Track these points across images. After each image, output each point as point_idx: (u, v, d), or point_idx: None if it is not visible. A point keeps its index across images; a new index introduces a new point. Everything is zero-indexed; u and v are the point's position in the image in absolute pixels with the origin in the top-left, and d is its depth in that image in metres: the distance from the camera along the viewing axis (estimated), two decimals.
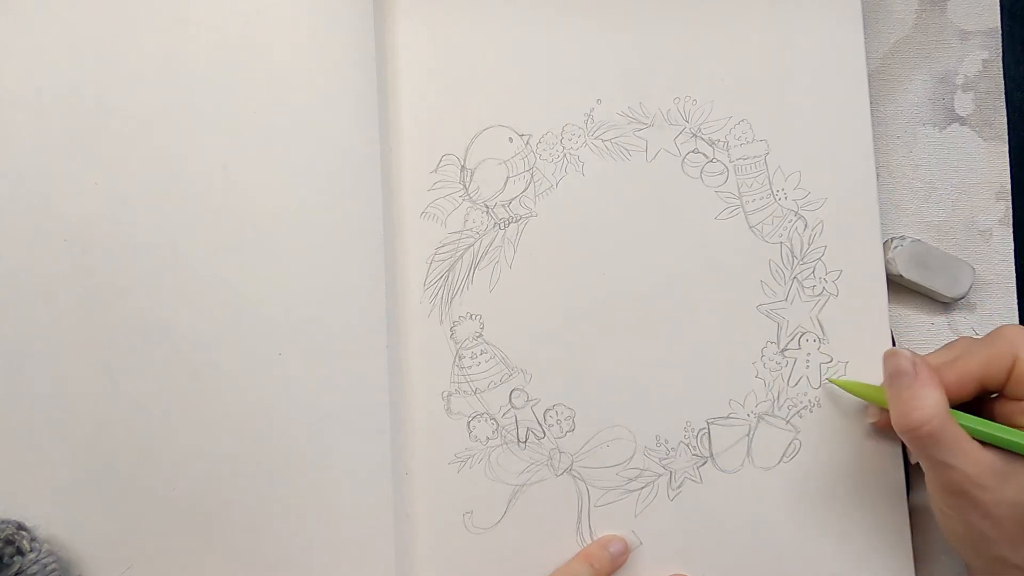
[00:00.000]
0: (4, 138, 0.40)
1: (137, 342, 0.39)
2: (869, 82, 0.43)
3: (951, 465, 0.34)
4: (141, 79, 0.40)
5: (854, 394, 0.41)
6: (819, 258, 0.42)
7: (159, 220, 0.40)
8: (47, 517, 0.39)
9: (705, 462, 0.42)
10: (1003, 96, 0.45)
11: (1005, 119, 0.45)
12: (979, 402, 0.38)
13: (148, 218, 0.40)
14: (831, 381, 0.41)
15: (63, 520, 0.39)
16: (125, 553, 0.39)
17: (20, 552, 0.36)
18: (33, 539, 0.37)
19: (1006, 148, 0.45)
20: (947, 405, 0.35)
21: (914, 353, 0.36)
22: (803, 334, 0.42)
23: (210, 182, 0.40)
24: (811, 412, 0.42)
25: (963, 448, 0.34)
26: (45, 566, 0.37)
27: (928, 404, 0.34)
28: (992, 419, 0.36)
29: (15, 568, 0.36)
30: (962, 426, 0.35)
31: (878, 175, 0.44)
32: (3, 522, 0.37)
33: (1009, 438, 0.34)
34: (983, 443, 0.35)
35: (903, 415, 0.35)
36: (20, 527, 0.37)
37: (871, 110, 0.43)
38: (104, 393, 0.39)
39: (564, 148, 0.43)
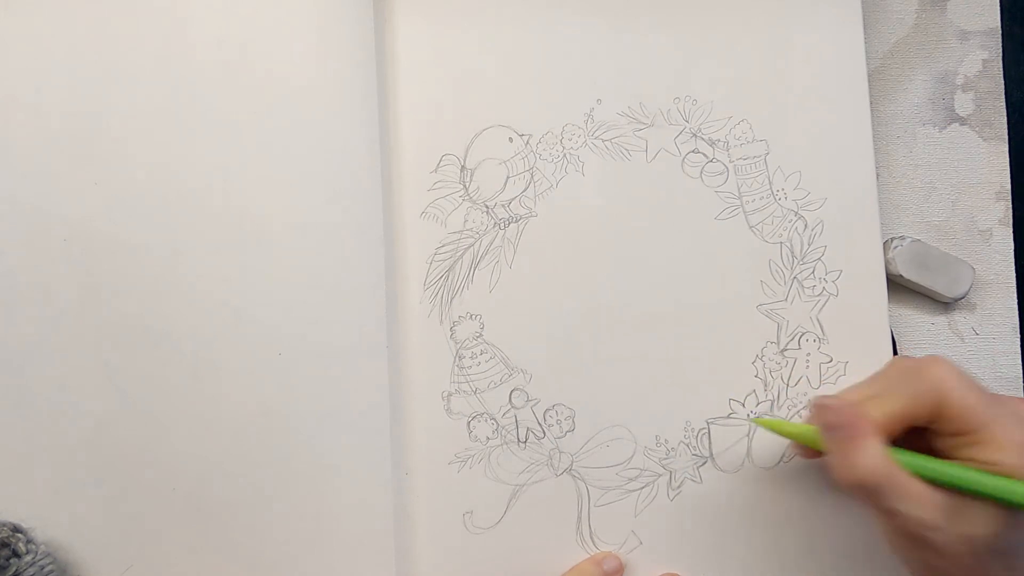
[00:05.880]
0: (4, 138, 0.40)
1: (137, 342, 0.39)
2: (869, 82, 0.43)
3: (900, 511, 0.33)
4: (141, 79, 0.40)
5: (781, 434, 0.39)
6: (819, 258, 0.42)
7: (158, 220, 0.40)
8: (46, 518, 0.39)
9: (705, 462, 0.42)
10: (1003, 96, 0.45)
11: (1005, 119, 0.45)
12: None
13: (147, 218, 0.40)
14: (755, 422, 0.40)
15: (63, 521, 0.39)
16: (125, 553, 0.39)
17: (16, 555, 0.36)
18: (29, 541, 0.37)
19: (1006, 148, 0.45)
20: (886, 452, 0.33)
21: (842, 402, 0.35)
22: (803, 334, 0.42)
23: (210, 182, 0.40)
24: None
25: (910, 492, 0.33)
26: (42, 568, 0.37)
27: (868, 456, 0.33)
28: (929, 451, 0.34)
29: (11, 571, 0.36)
30: (906, 466, 0.33)
31: (878, 175, 0.44)
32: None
33: (957, 475, 0.33)
34: (926, 479, 0.33)
35: (846, 471, 0.34)
36: (16, 529, 0.37)
37: (871, 110, 0.43)
38: (104, 393, 0.39)
39: (564, 148, 0.43)
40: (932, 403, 0.34)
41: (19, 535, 0.37)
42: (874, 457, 0.33)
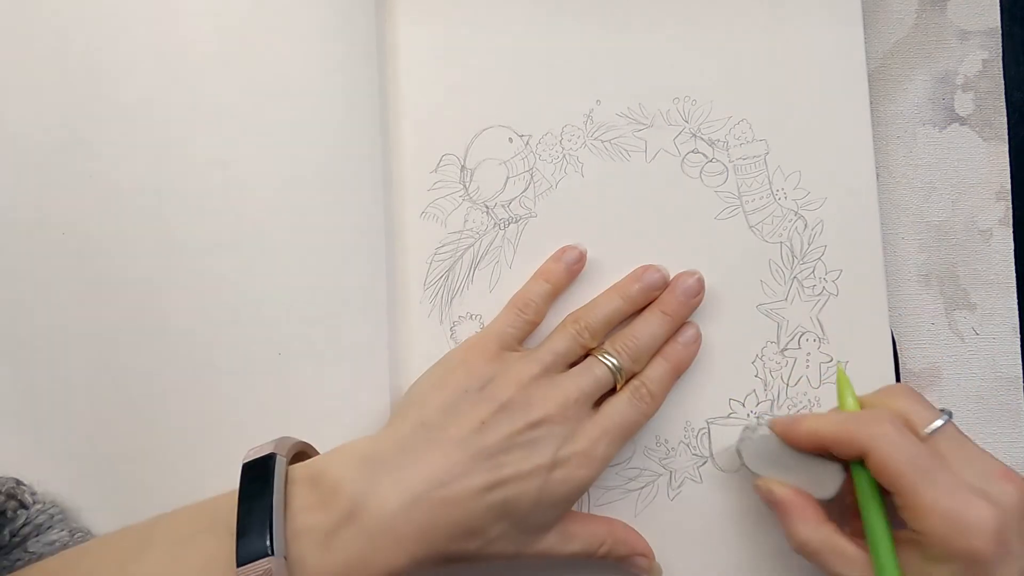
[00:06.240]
0: (2, 131, 0.39)
1: (135, 340, 0.39)
2: (869, 82, 0.43)
3: (831, 572, 0.35)
4: (140, 75, 0.40)
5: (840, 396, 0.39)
6: (819, 258, 0.42)
7: (157, 216, 0.40)
8: None
9: (705, 462, 0.42)
10: (1003, 96, 0.45)
11: (1005, 119, 0.45)
12: None
13: (145, 213, 0.40)
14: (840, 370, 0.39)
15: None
16: None
17: (23, 506, 0.37)
18: (33, 492, 0.38)
19: (1006, 148, 0.45)
20: (815, 524, 0.36)
21: (777, 488, 0.37)
22: (803, 334, 0.42)
23: (209, 179, 0.40)
24: (811, 412, 0.42)
25: (838, 554, 0.35)
26: (51, 516, 0.37)
27: (799, 531, 0.36)
28: None
29: (21, 520, 0.36)
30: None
31: (878, 175, 0.44)
32: (0, 479, 0.37)
33: (871, 541, 0.35)
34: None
35: (788, 539, 0.37)
36: (18, 482, 0.37)
37: (871, 110, 0.43)
38: (103, 390, 0.39)
39: (563, 149, 0.43)
40: (859, 452, 0.35)
41: (23, 487, 0.37)
42: (802, 532, 0.36)
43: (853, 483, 0.36)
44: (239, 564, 0.31)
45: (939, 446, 0.34)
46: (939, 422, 0.35)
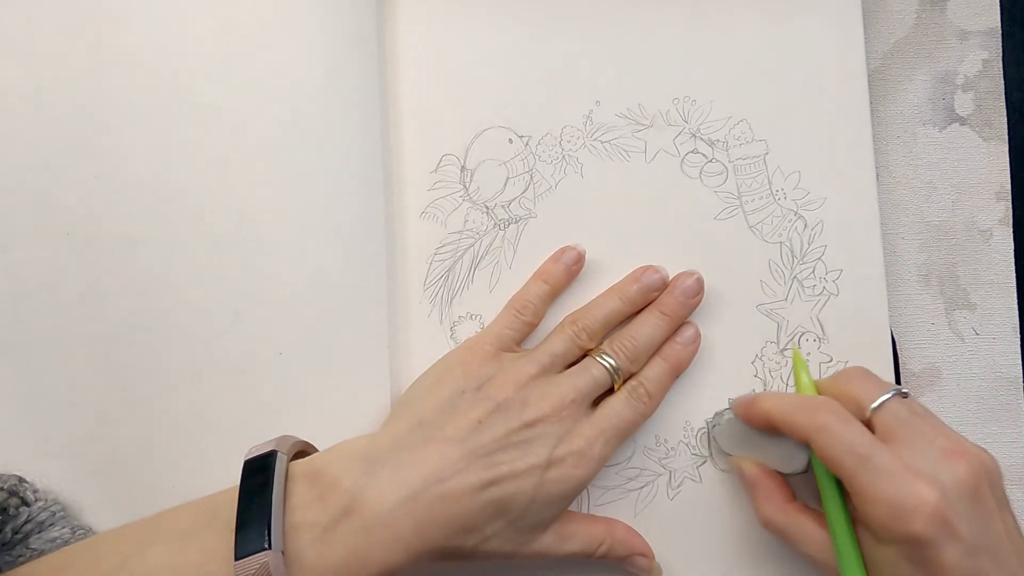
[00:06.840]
0: (5, 131, 0.40)
1: (137, 339, 0.39)
2: (869, 82, 0.43)
3: (795, 548, 0.37)
4: (142, 74, 0.40)
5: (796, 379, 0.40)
6: (819, 258, 0.42)
7: (159, 215, 0.40)
8: None
9: (705, 461, 0.42)
10: (1003, 96, 0.45)
11: (1005, 119, 0.45)
12: None
13: (148, 213, 0.40)
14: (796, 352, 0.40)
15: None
16: None
17: (25, 503, 0.37)
18: (35, 489, 0.38)
19: (1006, 148, 0.45)
20: (780, 503, 0.37)
21: (749, 466, 0.39)
22: (803, 334, 0.42)
23: (209, 181, 0.40)
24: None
25: (801, 534, 0.36)
26: (53, 513, 0.37)
27: (763, 508, 0.38)
28: None
29: (23, 517, 0.37)
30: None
31: (878, 175, 0.44)
32: (3, 476, 0.37)
33: (829, 522, 0.36)
34: None
35: (757, 515, 0.38)
36: (21, 480, 0.38)
37: (871, 110, 0.43)
38: (105, 387, 0.39)
39: (563, 150, 0.43)
40: (803, 438, 0.35)
41: (26, 484, 0.38)
42: (767, 511, 0.38)
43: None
44: (237, 558, 0.31)
45: (886, 425, 0.34)
46: (882, 398, 0.35)
